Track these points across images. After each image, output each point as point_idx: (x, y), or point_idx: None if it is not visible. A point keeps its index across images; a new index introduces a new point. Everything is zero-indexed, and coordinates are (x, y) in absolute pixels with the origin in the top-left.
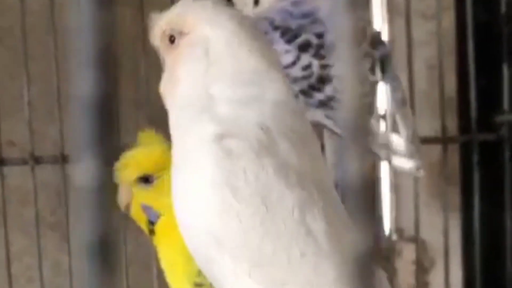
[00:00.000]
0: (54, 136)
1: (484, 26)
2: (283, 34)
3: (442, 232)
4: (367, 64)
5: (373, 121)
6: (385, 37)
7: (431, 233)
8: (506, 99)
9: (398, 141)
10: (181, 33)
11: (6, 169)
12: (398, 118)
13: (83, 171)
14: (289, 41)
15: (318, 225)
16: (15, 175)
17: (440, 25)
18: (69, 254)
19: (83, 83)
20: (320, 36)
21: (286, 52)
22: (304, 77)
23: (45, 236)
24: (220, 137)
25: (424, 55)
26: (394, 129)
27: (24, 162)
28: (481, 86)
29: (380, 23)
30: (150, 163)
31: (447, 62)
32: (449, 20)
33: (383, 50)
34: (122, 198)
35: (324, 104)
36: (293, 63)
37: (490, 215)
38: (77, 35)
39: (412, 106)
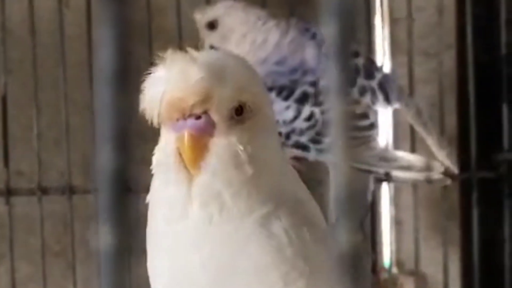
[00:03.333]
0: (62, 167)
1: (484, 66)
2: (279, 93)
3: (442, 266)
4: (367, 98)
5: (376, 139)
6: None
7: (431, 267)
8: (506, 138)
9: (403, 155)
10: (251, 109)
11: (13, 198)
12: (420, 129)
13: (100, 235)
14: (286, 98)
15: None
16: (22, 204)
17: (441, 64)
18: (74, 282)
19: (103, 157)
20: (314, 84)
21: (286, 109)
22: (310, 127)
23: (50, 264)
24: (267, 219)
25: (425, 93)
26: (397, 146)
27: (31, 193)
28: (481, 125)
29: (382, 60)
30: None
31: (448, 101)
32: (450, 59)
33: (379, 76)
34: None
35: None
36: (295, 117)
37: (489, 250)
38: (99, 116)
39: (413, 144)
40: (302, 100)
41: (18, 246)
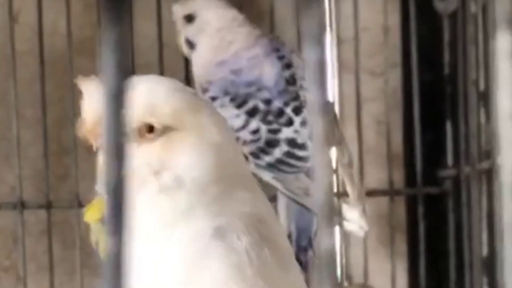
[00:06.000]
0: (13, 181)
1: (428, 85)
2: (232, 100)
3: (390, 278)
4: (307, 133)
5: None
6: (334, 93)
7: (380, 279)
8: (450, 155)
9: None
10: (165, 126)
11: None
12: (345, 180)
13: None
14: (238, 106)
15: None
16: None
17: (387, 82)
18: None
19: (108, 170)
20: (267, 102)
21: (236, 117)
22: (253, 141)
23: (0, 279)
24: (220, 232)
25: (372, 111)
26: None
27: None
28: (426, 142)
29: (329, 79)
30: None
31: (394, 118)
32: (396, 78)
33: None
34: (93, 236)
35: (272, 166)
36: (243, 127)
37: (435, 262)
38: (104, 130)
39: (361, 160)
40: (252, 113)
41: None
